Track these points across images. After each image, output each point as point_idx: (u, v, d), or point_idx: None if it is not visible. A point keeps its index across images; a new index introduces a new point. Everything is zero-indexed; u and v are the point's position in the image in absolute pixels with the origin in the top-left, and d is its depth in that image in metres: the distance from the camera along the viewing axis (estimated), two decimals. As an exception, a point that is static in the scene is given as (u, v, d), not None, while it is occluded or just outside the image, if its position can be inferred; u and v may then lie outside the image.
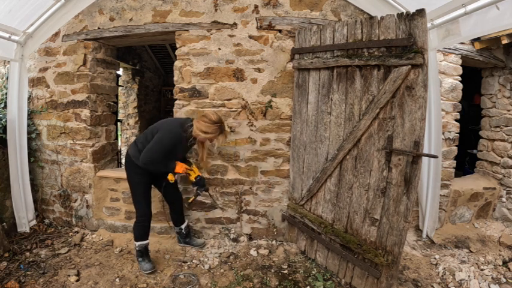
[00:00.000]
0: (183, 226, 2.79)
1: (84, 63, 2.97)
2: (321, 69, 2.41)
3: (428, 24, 2.28)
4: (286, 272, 2.48)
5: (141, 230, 2.46)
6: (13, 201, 2.94)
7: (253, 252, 2.74)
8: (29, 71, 3.13)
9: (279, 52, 2.72)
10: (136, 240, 2.46)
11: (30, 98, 3.18)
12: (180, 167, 2.37)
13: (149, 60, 6.87)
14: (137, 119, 6.52)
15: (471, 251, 2.90)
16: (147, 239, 2.51)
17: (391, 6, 2.50)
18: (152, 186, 2.56)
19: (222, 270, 2.48)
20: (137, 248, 2.47)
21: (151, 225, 3.00)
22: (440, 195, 3.10)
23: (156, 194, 2.97)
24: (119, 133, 5.75)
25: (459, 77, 3.21)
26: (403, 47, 1.93)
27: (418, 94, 1.88)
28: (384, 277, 2.09)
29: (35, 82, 3.16)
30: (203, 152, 2.56)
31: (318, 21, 2.64)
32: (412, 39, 1.88)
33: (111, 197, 3.08)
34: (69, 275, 2.35)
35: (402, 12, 1.94)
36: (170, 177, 2.40)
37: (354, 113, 2.22)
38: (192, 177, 2.47)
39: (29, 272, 2.37)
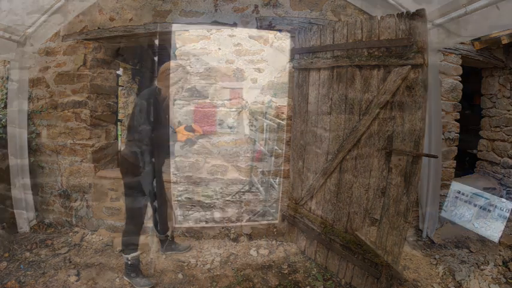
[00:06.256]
0: (169, 233, 2.66)
1: (84, 63, 2.97)
2: (320, 69, 2.41)
3: (429, 25, 2.27)
4: (286, 272, 2.48)
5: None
6: (13, 201, 2.94)
7: (253, 252, 2.74)
8: (29, 71, 3.13)
9: (279, 52, 2.72)
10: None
11: (30, 98, 3.17)
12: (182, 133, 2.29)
13: (149, 60, 6.86)
14: (137, 119, 6.51)
15: (471, 251, 2.90)
16: None
17: (391, 6, 2.50)
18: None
19: (222, 270, 2.48)
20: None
21: (152, 225, 3.02)
22: (440, 195, 3.10)
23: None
24: (119, 133, 5.74)
25: (459, 77, 3.20)
26: (403, 47, 1.93)
27: (418, 94, 1.88)
28: (384, 277, 2.09)
29: (35, 82, 3.16)
30: None
31: (318, 21, 2.64)
32: (412, 39, 1.88)
33: (111, 197, 3.08)
34: (69, 275, 2.35)
35: (402, 12, 1.94)
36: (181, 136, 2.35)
37: (354, 113, 2.22)
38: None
39: (29, 272, 2.36)
